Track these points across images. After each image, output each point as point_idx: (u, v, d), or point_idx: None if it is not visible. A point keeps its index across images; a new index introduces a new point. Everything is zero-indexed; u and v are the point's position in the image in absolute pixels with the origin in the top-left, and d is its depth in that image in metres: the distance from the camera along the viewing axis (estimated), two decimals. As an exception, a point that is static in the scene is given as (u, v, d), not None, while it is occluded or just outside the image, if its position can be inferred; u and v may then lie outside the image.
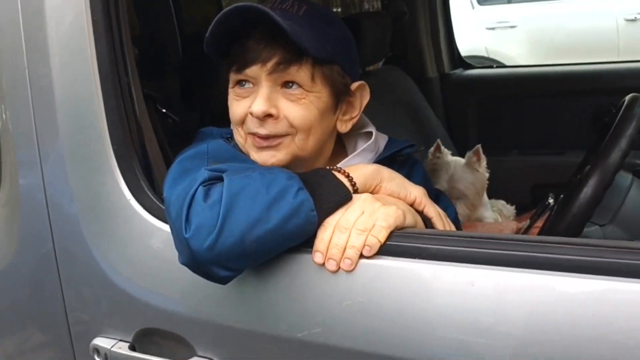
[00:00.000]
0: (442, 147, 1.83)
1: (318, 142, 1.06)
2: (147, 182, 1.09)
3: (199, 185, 0.89)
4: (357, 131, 1.18)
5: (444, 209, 1.10)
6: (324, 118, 1.06)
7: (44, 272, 1.20)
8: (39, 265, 1.21)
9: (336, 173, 0.99)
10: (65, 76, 1.11)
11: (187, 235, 0.87)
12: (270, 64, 1.00)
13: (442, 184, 1.78)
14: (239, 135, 1.06)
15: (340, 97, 1.08)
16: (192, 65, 1.64)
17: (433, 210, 1.04)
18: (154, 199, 1.06)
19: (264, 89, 1.01)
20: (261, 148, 1.03)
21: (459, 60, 2.75)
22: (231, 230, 0.86)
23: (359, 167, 1.04)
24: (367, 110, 1.23)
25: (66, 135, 1.13)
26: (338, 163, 1.11)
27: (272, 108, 1.00)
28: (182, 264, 0.91)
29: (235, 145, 1.09)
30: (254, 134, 1.03)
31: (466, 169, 1.82)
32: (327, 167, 1.02)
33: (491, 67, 3.31)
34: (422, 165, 1.26)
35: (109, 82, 1.08)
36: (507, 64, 5.14)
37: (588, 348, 0.77)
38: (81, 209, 1.13)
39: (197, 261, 0.88)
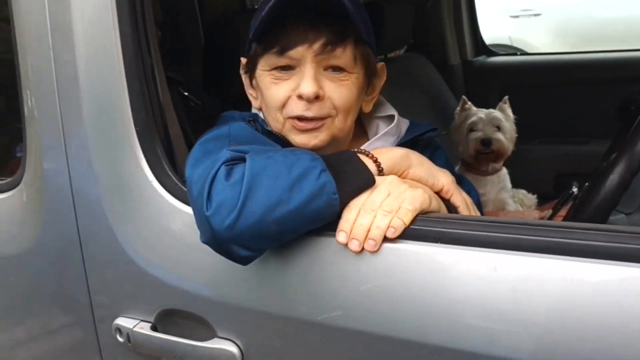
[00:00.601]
0: (468, 102, 2.00)
1: (352, 122, 1.08)
2: (169, 164, 1.09)
3: (221, 165, 0.89)
4: (378, 114, 1.18)
5: (467, 192, 1.09)
6: (359, 98, 1.08)
7: (68, 253, 1.21)
8: (63, 246, 1.23)
9: (362, 156, 0.97)
10: (89, 60, 1.12)
11: (208, 214, 0.87)
12: (316, 45, 1.00)
13: (480, 116, 1.96)
14: (275, 120, 1.06)
15: (370, 77, 1.10)
16: (214, 50, 1.64)
17: (460, 199, 1.03)
18: (176, 181, 1.07)
19: (310, 70, 1.01)
20: (304, 131, 1.03)
21: (482, 48, 2.72)
22: (252, 210, 0.86)
23: (386, 150, 1.02)
24: (389, 97, 1.23)
25: (90, 118, 1.14)
26: (359, 145, 1.11)
27: (320, 89, 1.01)
28: (204, 242, 0.91)
29: (258, 128, 1.09)
30: (297, 117, 1.03)
31: (498, 111, 2.00)
32: (354, 150, 1.00)
33: (515, 54, 3.26)
34: (444, 151, 1.25)
35: (132, 64, 1.08)
36: (531, 52, 5.05)
37: (613, 336, 0.76)
38: (104, 190, 1.14)
39: (218, 240, 0.88)
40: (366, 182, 0.93)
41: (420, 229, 0.89)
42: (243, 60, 1.13)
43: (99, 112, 1.13)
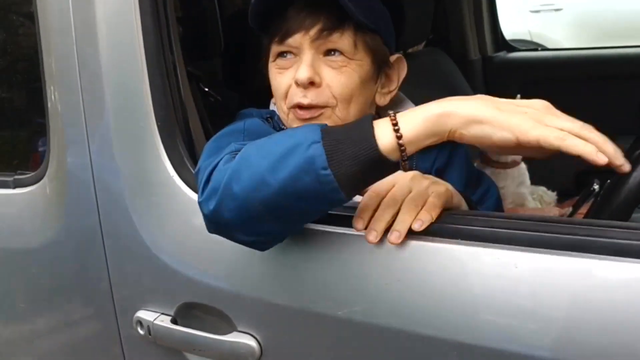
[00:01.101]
0: None
1: (359, 112, 1.06)
2: (190, 159, 1.10)
3: (224, 155, 0.87)
4: (398, 110, 1.18)
5: (487, 188, 1.08)
6: (365, 87, 1.06)
7: (90, 246, 1.23)
8: (86, 239, 1.24)
9: (380, 121, 0.79)
10: (112, 56, 1.14)
11: (200, 200, 0.85)
12: (313, 31, 1.00)
13: None
14: (281, 111, 1.07)
15: (380, 67, 1.08)
16: (233, 45, 1.65)
17: (584, 142, 0.76)
18: (197, 176, 1.08)
19: (307, 56, 1.01)
20: (304, 120, 1.03)
21: (502, 43, 2.69)
22: (235, 193, 0.80)
23: (415, 112, 0.80)
24: (408, 92, 1.23)
25: (112, 113, 1.15)
26: None
27: (315, 75, 1.01)
28: (209, 232, 0.91)
29: (275, 126, 1.10)
30: (296, 106, 1.02)
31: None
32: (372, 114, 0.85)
33: (536, 49, 3.22)
34: (465, 148, 1.24)
35: (154, 60, 1.09)
36: (551, 48, 4.99)
37: (633, 333, 0.75)
38: (126, 185, 1.16)
39: (210, 225, 0.87)
40: (364, 152, 0.76)
41: (439, 225, 0.88)
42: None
43: (121, 108, 1.15)
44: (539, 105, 0.78)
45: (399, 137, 0.77)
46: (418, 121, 0.78)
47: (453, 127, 0.77)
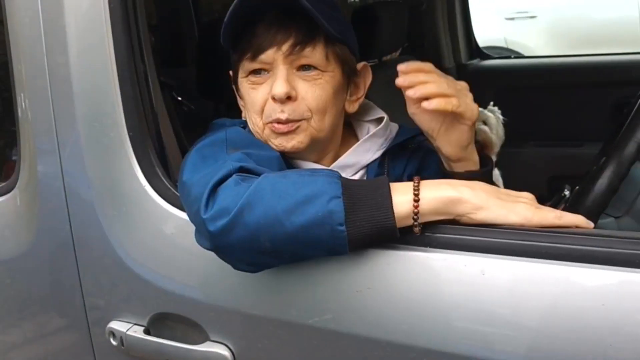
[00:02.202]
0: None
1: (332, 122, 1.08)
2: (162, 168, 1.10)
3: (232, 172, 0.88)
4: (368, 118, 1.19)
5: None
6: (337, 97, 1.08)
7: (61, 256, 1.22)
8: (57, 250, 1.23)
9: (401, 188, 0.86)
10: (82, 64, 1.13)
11: (204, 216, 0.85)
12: (285, 47, 1.01)
13: None
14: (255, 126, 1.07)
15: (350, 76, 1.10)
16: (208, 54, 1.65)
17: (571, 219, 0.87)
18: (169, 186, 1.08)
19: (282, 71, 1.02)
20: (281, 134, 1.03)
21: (476, 51, 2.73)
22: (246, 223, 0.83)
23: (437, 185, 0.88)
24: (383, 100, 1.24)
25: (83, 122, 1.14)
26: (349, 149, 1.12)
27: (291, 90, 1.02)
28: (204, 248, 0.91)
29: (249, 134, 1.10)
30: (274, 121, 1.03)
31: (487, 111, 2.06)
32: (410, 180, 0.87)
33: (509, 57, 3.27)
34: (436, 154, 1.25)
35: (125, 69, 1.09)
36: (527, 55, 5.07)
37: (598, 338, 0.77)
38: (98, 195, 1.15)
39: (213, 244, 0.87)
40: (379, 220, 0.83)
41: (409, 233, 0.89)
42: (231, 72, 1.14)
43: (92, 117, 1.14)
44: (528, 195, 0.92)
45: (416, 216, 0.84)
46: (436, 201, 0.85)
47: (463, 212, 0.86)
